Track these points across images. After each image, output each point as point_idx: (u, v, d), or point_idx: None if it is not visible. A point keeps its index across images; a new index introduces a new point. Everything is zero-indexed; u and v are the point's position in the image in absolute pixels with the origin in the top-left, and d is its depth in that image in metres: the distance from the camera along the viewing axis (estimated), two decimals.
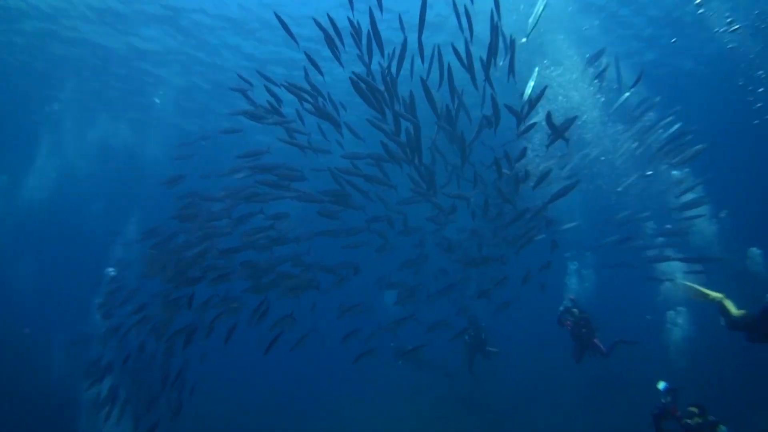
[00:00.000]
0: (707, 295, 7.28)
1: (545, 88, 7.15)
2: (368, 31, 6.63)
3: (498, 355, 12.44)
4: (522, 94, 7.22)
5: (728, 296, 7.15)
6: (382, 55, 6.84)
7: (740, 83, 15.78)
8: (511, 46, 6.55)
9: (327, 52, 7.52)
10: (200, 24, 15.37)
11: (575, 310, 10.17)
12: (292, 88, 7.49)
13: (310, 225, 8.78)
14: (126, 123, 21.69)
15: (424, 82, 6.32)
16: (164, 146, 22.43)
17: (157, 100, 19.75)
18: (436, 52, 6.88)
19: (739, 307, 6.85)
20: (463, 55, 6.66)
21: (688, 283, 7.75)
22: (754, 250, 14.51)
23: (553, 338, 14.12)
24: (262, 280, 7.64)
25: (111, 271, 13.09)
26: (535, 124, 7.46)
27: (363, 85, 6.58)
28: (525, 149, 7.99)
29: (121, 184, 27.40)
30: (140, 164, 24.25)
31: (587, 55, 12.05)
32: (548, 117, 6.83)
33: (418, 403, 15.27)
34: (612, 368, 13.43)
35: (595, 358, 10.10)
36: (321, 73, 7.68)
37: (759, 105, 16.72)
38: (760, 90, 15.69)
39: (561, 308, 10.34)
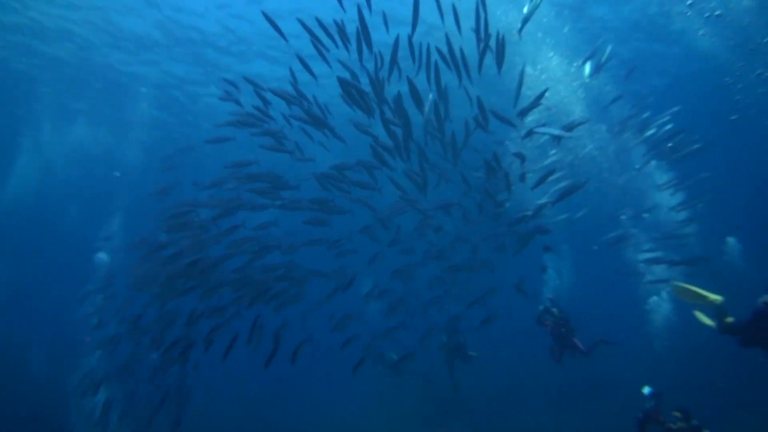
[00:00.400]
0: (706, 297, 6.93)
1: (545, 90, 7.18)
2: (357, 29, 6.52)
3: (477, 359, 12.25)
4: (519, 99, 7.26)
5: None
6: (370, 52, 6.74)
7: (726, 80, 16.04)
8: (501, 43, 6.54)
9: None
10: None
11: (554, 309, 10.16)
12: (278, 92, 7.51)
13: (298, 234, 8.76)
14: (104, 124, 21.32)
15: (411, 81, 6.28)
16: (142, 147, 22.37)
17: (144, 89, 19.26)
18: (423, 52, 6.84)
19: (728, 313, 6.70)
20: (450, 55, 6.70)
21: (685, 285, 7.33)
22: (731, 240, 14.92)
23: (533, 338, 14.14)
24: (253, 291, 7.56)
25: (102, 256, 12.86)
26: (541, 126, 7.45)
27: (350, 87, 6.60)
28: (522, 154, 8.06)
29: (98, 184, 26.98)
30: (117, 165, 24.00)
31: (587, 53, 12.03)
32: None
33: (396, 406, 15.14)
34: (593, 369, 13.28)
35: (575, 357, 10.11)
36: (313, 75, 7.58)
37: (738, 98, 17.06)
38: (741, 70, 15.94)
39: (540, 308, 10.33)
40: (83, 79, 17.98)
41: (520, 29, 7.01)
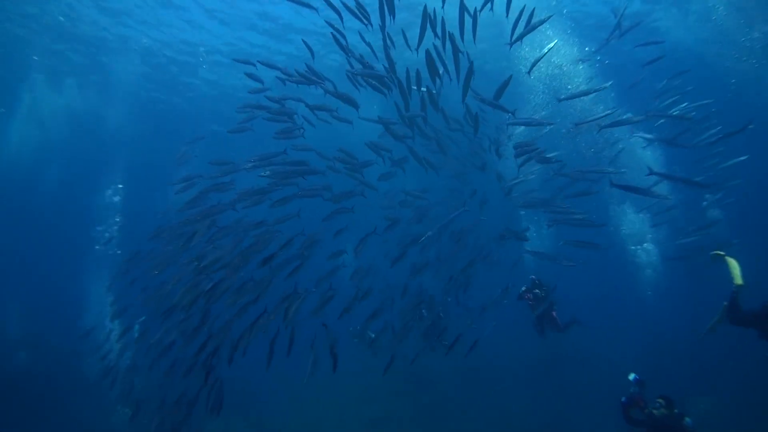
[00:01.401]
0: (735, 276, 7.00)
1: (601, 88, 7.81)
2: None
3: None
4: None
5: None
6: (393, 19, 6.79)
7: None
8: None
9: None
10: None
11: (537, 290, 10.68)
12: (306, 74, 7.77)
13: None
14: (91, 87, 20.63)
15: (428, 53, 6.52)
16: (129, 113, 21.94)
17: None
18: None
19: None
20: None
21: (730, 258, 7.29)
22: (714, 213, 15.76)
23: (512, 318, 14.36)
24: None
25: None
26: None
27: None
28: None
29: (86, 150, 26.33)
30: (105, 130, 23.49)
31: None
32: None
33: (368, 381, 14.73)
34: (565, 347, 13.91)
35: (553, 332, 10.75)
36: (346, 53, 7.69)
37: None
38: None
39: (523, 288, 10.89)
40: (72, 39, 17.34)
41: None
